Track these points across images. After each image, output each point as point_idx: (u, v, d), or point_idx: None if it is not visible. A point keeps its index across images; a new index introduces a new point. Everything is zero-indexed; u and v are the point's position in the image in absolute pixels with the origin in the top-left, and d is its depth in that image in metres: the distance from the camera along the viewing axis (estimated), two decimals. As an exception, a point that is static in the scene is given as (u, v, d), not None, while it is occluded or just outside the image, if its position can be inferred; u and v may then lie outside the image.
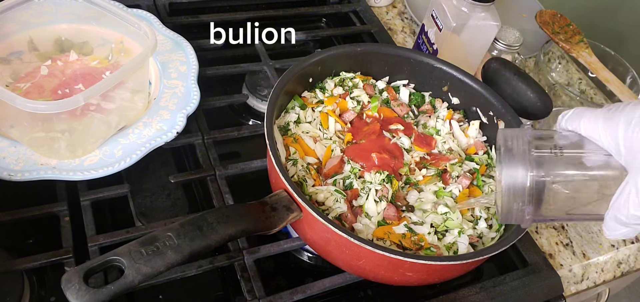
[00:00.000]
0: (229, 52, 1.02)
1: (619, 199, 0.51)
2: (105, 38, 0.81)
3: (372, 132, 0.77)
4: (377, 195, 0.69)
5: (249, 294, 0.66)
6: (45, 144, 0.69)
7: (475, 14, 0.91)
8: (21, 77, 0.75)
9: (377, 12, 1.21)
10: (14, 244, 0.69)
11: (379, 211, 0.68)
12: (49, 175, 0.67)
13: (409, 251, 0.66)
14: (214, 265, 0.68)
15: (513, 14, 1.22)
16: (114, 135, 0.73)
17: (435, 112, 0.83)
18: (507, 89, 0.79)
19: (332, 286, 0.70)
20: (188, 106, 0.78)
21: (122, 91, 0.73)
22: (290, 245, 0.72)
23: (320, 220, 0.60)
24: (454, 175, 0.75)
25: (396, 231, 0.66)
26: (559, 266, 0.84)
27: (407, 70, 0.85)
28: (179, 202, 0.77)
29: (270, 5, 1.11)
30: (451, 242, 0.68)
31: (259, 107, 0.93)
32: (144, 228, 0.70)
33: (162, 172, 0.79)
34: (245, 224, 0.62)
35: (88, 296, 0.51)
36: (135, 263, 0.53)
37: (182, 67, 0.84)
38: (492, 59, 0.83)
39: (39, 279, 0.67)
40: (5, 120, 0.70)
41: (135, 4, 0.95)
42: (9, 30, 0.77)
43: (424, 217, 0.69)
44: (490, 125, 0.81)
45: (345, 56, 0.83)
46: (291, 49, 1.08)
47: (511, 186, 0.56)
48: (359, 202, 0.70)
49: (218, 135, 0.82)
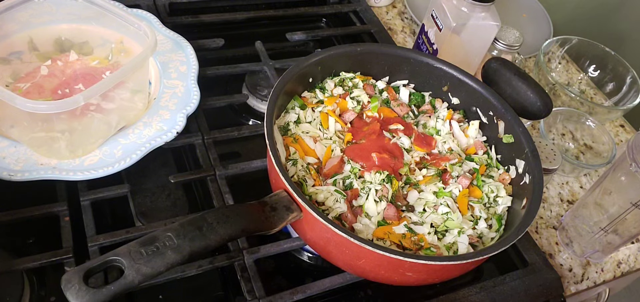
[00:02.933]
0: (229, 52, 1.02)
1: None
2: (105, 38, 0.81)
3: (372, 132, 0.77)
4: (377, 195, 0.69)
5: (249, 294, 0.66)
6: (45, 144, 0.69)
7: (475, 14, 0.91)
8: (21, 77, 0.75)
9: (377, 12, 1.21)
10: (14, 244, 0.69)
11: (379, 210, 0.68)
12: (49, 175, 0.67)
13: (408, 251, 0.66)
14: (214, 265, 0.68)
15: (513, 14, 1.22)
16: (114, 135, 0.73)
17: (435, 112, 0.83)
18: (507, 89, 0.79)
19: (332, 286, 0.70)
20: (188, 106, 0.78)
21: (122, 91, 0.73)
22: (290, 245, 0.72)
23: (320, 220, 0.60)
24: (454, 175, 0.75)
25: (396, 231, 0.66)
26: (559, 266, 0.84)
27: (407, 70, 0.85)
28: (179, 202, 0.77)
29: (270, 5, 1.11)
30: (451, 242, 0.68)
31: (259, 107, 0.93)
32: (144, 228, 0.70)
33: (162, 172, 0.79)
34: (245, 224, 0.62)
35: (88, 296, 0.51)
36: (135, 263, 0.53)
37: (182, 67, 0.84)
38: (492, 59, 0.83)
39: (39, 279, 0.67)
40: (5, 120, 0.70)
41: (135, 4, 0.95)
42: (9, 30, 0.77)
43: (424, 217, 0.69)
44: (490, 125, 0.81)
45: (345, 56, 0.83)
46: (291, 49, 1.08)
47: None
48: (359, 202, 0.70)
49: (218, 135, 0.82)
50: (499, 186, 0.74)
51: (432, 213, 0.70)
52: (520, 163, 0.75)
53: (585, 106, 1.02)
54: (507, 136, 0.78)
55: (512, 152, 0.77)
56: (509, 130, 0.78)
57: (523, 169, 0.74)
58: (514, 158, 0.76)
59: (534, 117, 0.80)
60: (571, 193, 0.96)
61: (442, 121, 0.82)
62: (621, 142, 1.09)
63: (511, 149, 0.77)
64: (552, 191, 0.96)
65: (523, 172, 0.74)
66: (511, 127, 0.77)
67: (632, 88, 1.06)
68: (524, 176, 0.74)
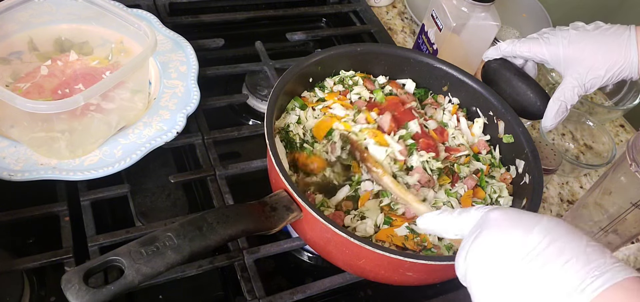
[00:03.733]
0: (229, 52, 1.02)
1: (559, 90, 0.74)
2: (105, 38, 0.81)
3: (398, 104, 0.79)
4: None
5: (249, 294, 0.66)
6: (45, 144, 0.69)
7: (475, 14, 0.91)
8: (21, 77, 0.75)
9: (377, 12, 1.21)
10: (14, 244, 0.69)
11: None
12: (49, 175, 0.67)
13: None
14: (214, 265, 0.68)
15: (513, 14, 1.22)
16: (114, 135, 0.73)
17: (440, 106, 0.83)
18: (507, 89, 0.79)
19: (332, 286, 0.70)
20: (188, 106, 0.78)
21: (122, 91, 0.73)
22: (290, 245, 0.72)
23: (321, 220, 0.60)
24: (461, 176, 0.74)
25: (398, 234, 0.66)
26: (559, 265, 0.84)
27: (407, 70, 0.85)
28: (179, 202, 0.77)
29: (270, 5, 1.11)
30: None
31: (259, 107, 0.93)
32: (144, 228, 0.70)
33: (162, 172, 0.79)
34: (245, 224, 0.62)
35: (88, 296, 0.51)
36: (135, 263, 0.53)
37: (182, 67, 0.84)
38: (492, 59, 0.83)
39: (39, 279, 0.67)
40: (5, 120, 0.70)
41: (135, 4, 0.95)
42: (9, 30, 0.77)
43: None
44: (490, 125, 0.81)
45: (345, 56, 0.83)
46: (291, 49, 1.08)
47: None
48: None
49: (218, 135, 0.82)
50: (501, 186, 0.74)
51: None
52: (520, 163, 0.75)
53: (585, 106, 1.02)
54: (507, 136, 0.78)
55: (512, 152, 0.77)
56: (509, 130, 0.78)
57: (523, 169, 0.74)
58: (514, 158, 0.76)
59: (534, 117, 0.80)
60: (571, 193, 0.96)
61: (449, 114, 0.81)
62: (621, 142, 1.09)
63: (511, 149, 0.77)
64: (552, 191, 0.96)
65: (523, 172, 0.74)
66: (511, 127, 0.77)
67: (632, 88, 1.06)
68: (524, 175, 0.74)
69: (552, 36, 0.75)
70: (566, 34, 0.74)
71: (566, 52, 0.74)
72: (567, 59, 0.74)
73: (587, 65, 0.73)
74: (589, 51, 0.72)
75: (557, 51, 0.74)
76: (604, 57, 0.72)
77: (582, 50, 0.73)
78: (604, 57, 0.72)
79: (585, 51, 0.73)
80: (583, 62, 0.73)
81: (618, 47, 0.71)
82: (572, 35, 0.74)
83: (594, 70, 0.73)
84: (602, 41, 0.72)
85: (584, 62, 0.73)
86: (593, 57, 0.72)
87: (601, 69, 0.72)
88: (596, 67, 0.72)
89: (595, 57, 0.72)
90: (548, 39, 0.75)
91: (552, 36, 0.75)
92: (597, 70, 0.72)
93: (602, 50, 0.72)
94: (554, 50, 0.75)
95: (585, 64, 0.73)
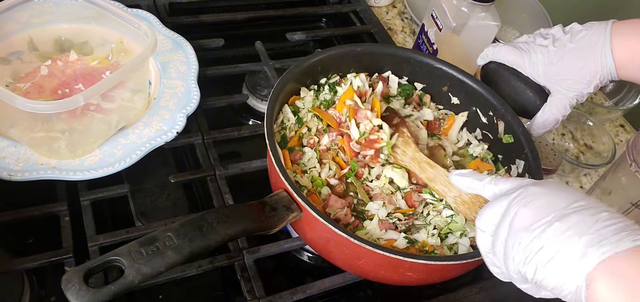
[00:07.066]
0: (229, 52, 1.02)
1: (547, 110, 0.75)
2: (105, 38, 0.81)
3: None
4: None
5: (249, 294, 0.66)
6: (45, 144, 0.69)
7: (475, 14, 0.91)
8: (21, 77, 0.75)
9: (377, 12, 1.21)
10: (14, 244, 0.69)
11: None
12: (49, 175, 0.67)
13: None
14: (214, 265, 0.68)
15: (513, 14, 1.22)
16: (114, 135, 0.73)
17: (421, 108, 0.84)
18: (506, 89, 0.79)
19: (332, 286, 0.70)
20: (188, 106, 0.78)
21: (122, 91, 0.73)
22: (290, 245, 0.72)
23: (321, 220, 0.60)
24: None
25: (399, 246, 0.66)
26: (559, 266, 0.84)
27: (407, 70, 0.85)
28: (179, 202, 0.77)
29: (270, 5, 1.11)
30: (453, 243, 0.68)
31: (259, 107, 0.93)
32: (144, 228, 0.70)
33: (162, 172, 0.79)
34: (245, 224, 0.62)
35: (88, 296, 0.51)
36: (135, 263, 0.53)
37: (182, 67, 0.84)
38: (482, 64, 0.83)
39: (39, 279, 0.67)
40: (5, 120, 0.70)
41: (135, 4, 0.95)
42: (9, 30, 0.77)
43: (427, 220, 0.70)
44: (490, 125, 0.81)
45: (345, 56, 0.82)
46: (291, 49, 1.08)
47: None
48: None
49: (218, 136, 0.82)
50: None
51: (435, 216, 0.70)
52: (520, 163, 0.75)
53: (585, 106, 1.02)
54: (507, 136, 0.78)
55: (512, 152, 0.77)
56: (508, 130, 0.78)
57: (523, 169, 0.74)
58: (514, 158, 0.76)
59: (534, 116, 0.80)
60: (571, 193, 0.96)
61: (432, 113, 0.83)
62: (621, 142, 1.09)
63: (511, 149, 0.77)
64: (552, 191, 0.96)
65: (523, 172, 0.74)
66: (511, 127, 0.77)
67: (632, 88, 1.06)
68: (524, 176, 0.74)
69: (531, 51, 0.75)
70: (545, 51, 0.73)
71: (546, 72, 0.74)
72: (548, 79, 0.74)
73: (568, 85, 0.73)
74: (568, 69, 0.72)
75: (537, 70, 0.74)
76: (581, 72, 0.71)
77: (561, 69, 0.72)
78: (582, 72, 0.71)
79: (564, 70, 0.72)
80: (563, 82, 0.73)
81: (594, 55, 0.70)
82: (551, 54, 0.73)
83: (575, 86, 0.72)
84: (579, 56, 0.71)
85: (564, 82, 0.73)
86: (574, 74, 0.72)
87: (582, 83, 0.72)
88: (578, 81, 0.72)
89: (577, 73, 0.72)
90: (529, 53, 0.75)
91: (533, 52, 0.75)
92: (578, 84, 0.72)
93: (580, 65, 0.71)
94: (534, 69, 0.75)
95: (566, 84, 0.73)
